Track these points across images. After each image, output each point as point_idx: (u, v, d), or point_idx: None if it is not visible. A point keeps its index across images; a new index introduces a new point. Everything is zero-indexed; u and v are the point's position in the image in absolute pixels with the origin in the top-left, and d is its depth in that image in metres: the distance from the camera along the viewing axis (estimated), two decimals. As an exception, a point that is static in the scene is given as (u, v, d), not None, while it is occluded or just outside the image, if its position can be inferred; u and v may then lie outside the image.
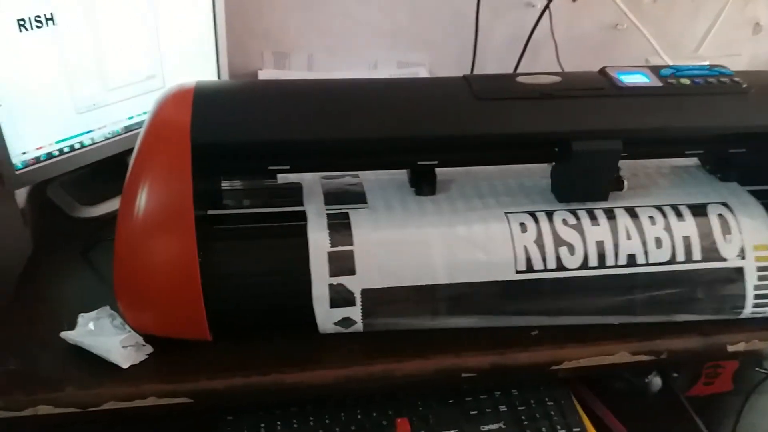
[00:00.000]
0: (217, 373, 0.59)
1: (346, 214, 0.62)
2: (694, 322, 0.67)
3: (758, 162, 0.71)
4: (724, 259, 0.65)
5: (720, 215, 0.66)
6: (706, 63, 0.69)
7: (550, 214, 0.64)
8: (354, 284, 0.60)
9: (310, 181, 0.67)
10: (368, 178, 0.69)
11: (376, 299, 0.60)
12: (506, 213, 0.64)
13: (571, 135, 0.61)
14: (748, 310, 0.66)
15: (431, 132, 0.60)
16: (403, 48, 0.98)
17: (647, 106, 0.63)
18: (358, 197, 0.65)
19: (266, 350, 0.61)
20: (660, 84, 0.65)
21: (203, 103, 0.59)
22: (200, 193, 0.58)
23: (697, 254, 0.64)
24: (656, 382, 0.73)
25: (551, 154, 0.64)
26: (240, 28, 0.92)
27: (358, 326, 0.61)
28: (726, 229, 0.65)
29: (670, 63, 0.96)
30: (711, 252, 0.64)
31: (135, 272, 0.58)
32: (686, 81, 0.65)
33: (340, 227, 0.61)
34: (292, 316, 0.62)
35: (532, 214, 0.64)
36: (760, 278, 0.65)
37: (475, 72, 1.00)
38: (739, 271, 0.65)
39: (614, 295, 0.64)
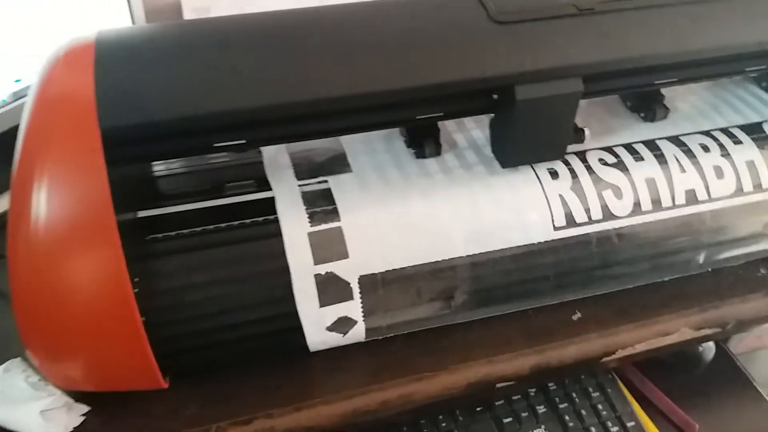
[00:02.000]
0: (182, 430, 0.44)
1: (325, 183, 0.47)
2: (757, 282, 0.55)
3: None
4: None
5: None
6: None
7: (581, 155, 0.50)
8: (348, 270, 0.45)
9: (273, 150, 0.50)
10: (349, 139, 0.52)
11: (378, 287, 0.46)
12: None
13: (631, 61, 0.46)
14: None
15: (442, 78, 0.43)
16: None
17: (714, 15, 0.48)
18: (337, 163, 0.49)
19: (244, 389, 0.46)
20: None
21: (110, 65, 0.40)
22: (123, 189, 0.41)
23: (766, 180, 0.52)
24: (710, 347, 0.63)
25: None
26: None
27: (360, 330, 0.47)
28: None
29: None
30: None
31: (43, 309, 0.41)
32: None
33: (319, 200, 0.46)
34: (270, 333, 0.46)
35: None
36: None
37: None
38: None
39: (678, 242, 0.52)
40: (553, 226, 0.48)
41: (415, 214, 0.46)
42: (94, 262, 0.40)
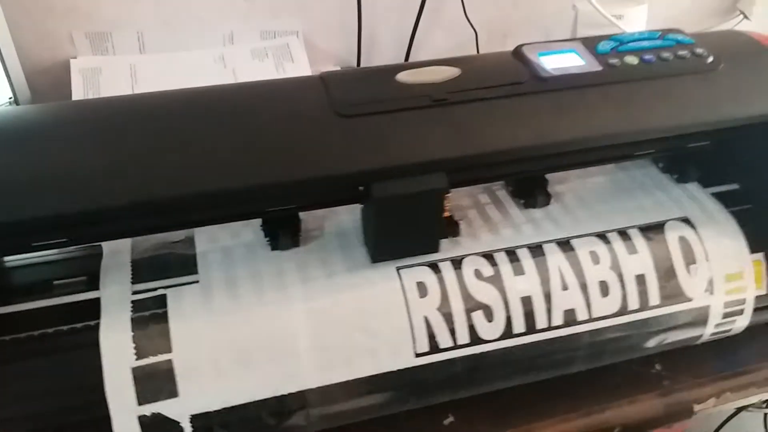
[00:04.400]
0: None
1: (163, 298, 0.42)
2: (649, 380, 0.52)
3: (725, 156, 0.54)
4: (689, 299, 0.49)
5: (681, 238, 0.49)
6: (657, 30, 0.50)
7: (457, 263, 0.46)
8: (178, 410, 0.40)
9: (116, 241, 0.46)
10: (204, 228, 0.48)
11: (215, 425, 0.41)
12: (398, 268, 0.45)
13: (474, 160, 0.42)
14: (702, 340, 0.52)
15: (275, 178, 0.39)
16: (266, 12, 0.74)
17: (585, 104, 0.44)
18: (184, 264, 0.45)
19: None
20: (599, 68, 0.46)
21: None
22: None
23: (654, 298, 0.48)
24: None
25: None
26: (33, 2, 0.67)
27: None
28: (690, 258, 0.49)
29: (600, 9, 0.77)
30: (672, 292, 0.48)
31: None
32: (633, 60, 0.47)
33: (150, 323, 0.41)
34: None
35: (433, 266, 0.45)
36: (725, 315, 0.50)
37: (365, 39, 0.78)
38: (704, 310, 0.50)
39: (546, 363, 0.48)
40: (415, 353, 0.44)
41: (259, 345, 0.42)
42: None
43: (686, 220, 0.50)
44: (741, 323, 0.51)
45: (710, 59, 0.47)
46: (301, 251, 0.46)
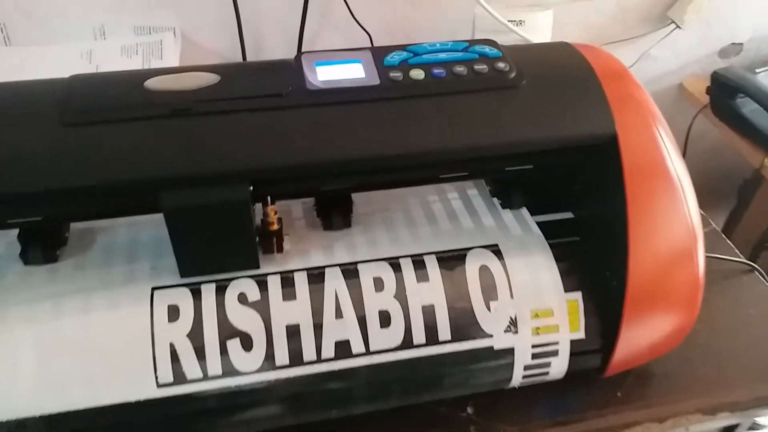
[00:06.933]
0: None
1: None
2: (456, 424, 0.47)
3: (556, 183, 0.49)
4: (488, 336, 0.44)
5: (484, 268, 0.44)
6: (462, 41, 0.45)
7: (222, 287, 0.42)
8: None
9: None
10: None
11: None
12: (154, 288, 0.42)
13: (203, 179, 0.38)
14: (515, 383, 0.47)
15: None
16: (138, 6, 0.71)
17: (347, 121, 0.40)
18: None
19: None
20: (377, 82, 0.41)
21: None
22: None
23: (445, 332, 0.43)
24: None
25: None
26: None
27: None
28: (491, 291, 0.44)
29: (495, 14, 0.72)
30: (467, 327, 0.44)
31: None
32: (419, 74, 0.42)
33: None
34: None
35: (195, 289, 0.42)
36: (535, 356, 0.45)
37: (251, 38, 0.75)
38: (509, 351, 0.45)
39: (316, 400, 0.43)
40: (157, 383, 0.40)
41: None
42: None
43: (494, 251, 0.45)
44: (558, 367, 0.46)
45: (512, 75, 0.42)
46: (54, 269, 0.43)
